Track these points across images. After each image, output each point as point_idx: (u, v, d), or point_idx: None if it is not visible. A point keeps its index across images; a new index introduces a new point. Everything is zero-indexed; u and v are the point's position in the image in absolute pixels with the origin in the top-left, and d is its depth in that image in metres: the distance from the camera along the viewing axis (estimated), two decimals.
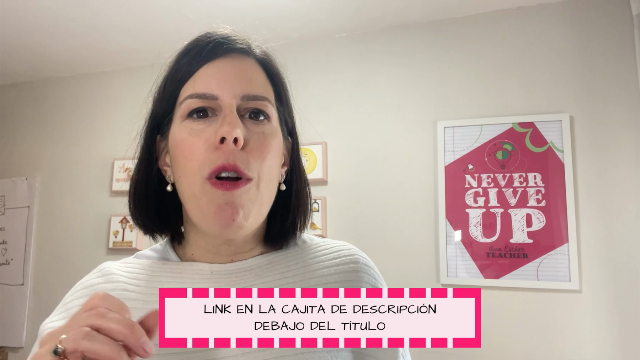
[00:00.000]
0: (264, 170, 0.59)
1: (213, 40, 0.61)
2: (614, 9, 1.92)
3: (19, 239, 2.69)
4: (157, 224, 0.65)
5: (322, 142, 2.22)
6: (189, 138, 0.58)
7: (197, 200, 0.58)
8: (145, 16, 2.13)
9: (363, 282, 0.65)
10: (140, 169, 0.64)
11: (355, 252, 0.69)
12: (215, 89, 0.58)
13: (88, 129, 2.71)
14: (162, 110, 0.63)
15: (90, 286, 0.62)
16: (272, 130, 0.61)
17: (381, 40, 2.23)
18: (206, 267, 0.62)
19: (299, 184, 0.68)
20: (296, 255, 0.66)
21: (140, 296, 0.60)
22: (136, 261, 0.66)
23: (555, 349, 1.82)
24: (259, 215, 0.60)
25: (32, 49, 2.47)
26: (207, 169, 0.57)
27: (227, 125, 0.56)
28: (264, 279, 0.61)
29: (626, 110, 1.86)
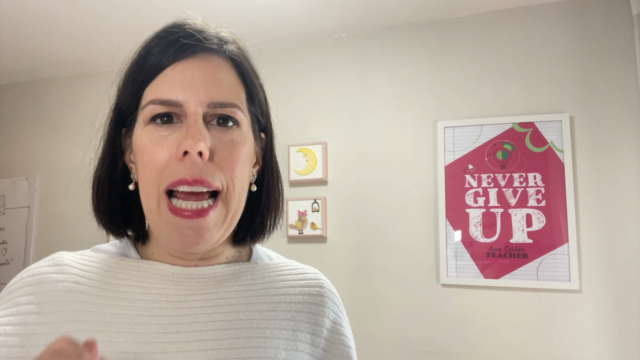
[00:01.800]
0: (234, 181, 0.56)
1: (180, 36, 0.56)
2: (614, 9, 1.92)
3: (19, 239, 2.69)
4: (120, 224, 0.61)
5: (322, 142, 2.22)
6: (150, 145, 0.54)
7: (154, 216, 0.55)
8: (145, 16, 2.13)
9: (327, 308, 0.63)
10: (104, 164, 0.60)
11: (321, 277, 0.67)
12: (180, 94, 0.53)
13: (88, 129, 2.70)
14: (125, 106, 0.58)
15: (38, 274, 0.58)
16: (242, 136, 0.57)
17: (381, 40, 2.23)
18: (167, 268, 0.59)
19: (270, 183, 0.64)
20: (262, 270, 0.63)
21: (91, 290, 0.56)
22: (93, 255, 0.62)
23: (555, 348, 1.82)
24: (229, 228, 0.58)
25: (32, 49, 2.47)
26: (165, 182, 0.53)
27: (190, 138, 0.52)
28: (228, 288, 0.59)
29: (626, 111, 1.86)
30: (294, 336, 0.58)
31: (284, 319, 0.59)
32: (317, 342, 0.61)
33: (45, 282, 0.57)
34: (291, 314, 0.60)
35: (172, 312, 0.55)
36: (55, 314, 0.54)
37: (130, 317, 0.54)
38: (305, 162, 2.23)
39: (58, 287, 0.56)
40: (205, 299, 0.57)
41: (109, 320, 0.54)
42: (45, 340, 0.52)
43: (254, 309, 0.58)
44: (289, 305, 0.60)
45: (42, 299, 0.55)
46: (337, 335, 0.63)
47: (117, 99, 0.60)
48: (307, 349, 0.59)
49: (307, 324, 0.60)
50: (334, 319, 0.64)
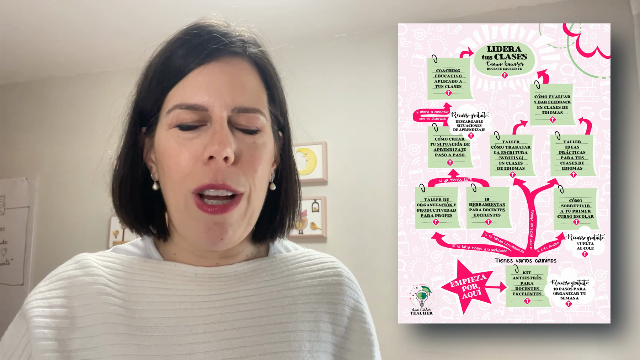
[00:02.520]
0: (256, 183, 0.57)
1: (205, 40, 0.57)
2: (614, 9, 1.92)
3: (19, 239, 2.68)
4: (143, 222, 0.62)
5: (322, 142, 2.22)
6: (176, 147, 0.55)
7: (181, 214, 0.56)
8: (145, 17, 2.13)
9: (346, 296, 0.65)
10: (125, 163, 0.62)
11: (339, 265, 0.69)
12: (206, 98, 0.54)
13: (88, 129, 2.70)
14: (147, 106, 0.59)
15: (67, 278, 0.58)
16: (264, 139, 0.58)
17: (381, 40, 2.23)
18: (190, 269, 0.60)
19: (288, 181, 0.66)
20: (281, 263, 0.65)
21: (119, 294, 0.57)
22: (115, 256, 0.62)
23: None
24: (249, 226, 0.59)
25: (32, 49, 2.47)
26: (193, 184, 0.54)
27: (217, 143, 0.53)
28: (249, 285, 0.60)
29: (626, 111, 1.86)
30: (316, 327, 0.60)
31: (305, 311, 0.60)
32: (338, 330, 0.63)
33: (75, 286, 0.57)
34: (311, 305, 0.61)
35: (197, 312, 0.56)
36: (87, 318, 0.55)
37: (158, 320, 0.55)
38: (305, 162, 2.23)
39: (88, 290, 0.56)
40: (228, 297, 0.58)
41: (139, 324, 0.55)
42: (79, 345, 0.53)
43: (275, 304, 0.59)
44: (308, 297, 0.62)
45: (73, 303, 0.56)
46: (357, 323, 0.65)
47: (138, 98, 0.61)
48: (329, 338, 0.61)
49: (327, 314, 0.62)
50: (353, 305, 0.66)
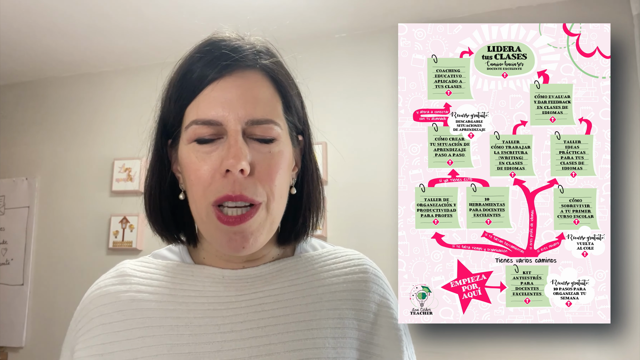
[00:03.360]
0: (274, 191, 0.59)
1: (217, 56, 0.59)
2: (614, 9, 1.92)
3: (19, 239, 2.68)
4: (172, 229, 0.66)
5: (322, 142, 2.22)
6: (196, 162, 0.58)
7: (205, 224, 0.60)
8: (145, 16, 2.13)
9: (372, 292, 0.66)
10: (153, 174, 0.65)
11: (365, 261, 0.70)
12: (220, 114, 0.57)
13: (88, 129, 2.71)
14: (170, 121, 0.62)
15: (103, 287, 0.64)
16: (280, 148, 0.60)
17: (381, 40, 2.23)
18: (218, 272, 0.63)
19: (310, 184, 0.67)
20: (306, 262, 0.66)
21: (153, 297, 0.61)
22: (153, 261, 0.67)
23: None
24: (270, 232, 0.62)
25: (32, 49, 2.47)
26: (213, 197, 0.57)
27: (232, 157, 0.55)
28: (273, 285, 0.63)
29: (626, 111, 1.86)
30: (340, 324, 0.61)
31: (329, 309, 0.62)
32: (364, 326, 0.63)
33: (109, 294, 0.63)
34: (336, 302, 0.63)
35: (225, 312, 0.59)
36: (122, 323, 0.60)
37: (188, 319, 0.59)
38: None
39: (122, 298, 0.62)
40: (254, 297, 0.61)
41: (171, 324, 0.59)
42: (118, 348, 0.58)
43: (299, 302, 0.61)
44: (333, 295, 0.63)
45: (108, 311, 0.61)
46: (385, 318, 0.65)
47: (162, 113, 0.64)
48: (355, 335, 0.62)
49: (352, 311, 0.63)
50: (379, 301, 0.66)
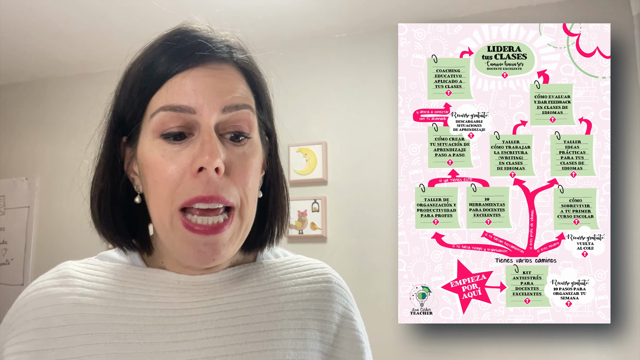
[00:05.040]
0: (247, 194, 0.55)
1: (189, 45, 0.54)
2: (614, 9, 1.92)
3: (19, 239, 2.68)
4: (126, 235, 0.60)
5: (322, 142, 2.22)
6: (162, 161, 0.52)
7: (168, 233, 0.54)
8: (145, 16, 2.13)
9: (335, 303, 0.62)
10: (104, 176, 0.59)
11: (329, 271, 0.66)
12: (193, 100, 0.52)
13: (88, 129, 2.69)
14: (128, 114, 0.56)
15: (42, 288, 0.57)
16: (253, 147, 0.56)
17: (381, 40, 2.23)
18: (173, 276, 0.58)
19: (276, 188, 0.63)
20: (268, 270, 0.62)
21: (98, 301, 0.55)
22: (99, 263, 0.61)
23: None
24: (242, 241, 0.58)
25: (32, 49, 2.47)
26: (180, 200, 0.52)
27: (207, 154, 0.50)
28: (233, 292, 0.58)
29: (626, 111, 1.85)
30: (302, 335, 0.58)
31: (291, 319, 0.58)
32: (327, 338, 0.60)
33: (49, 296, 0.56)
34: (299, 312, 0.59)
35: (178, 320, 0.54)
36: (63, 329, 0.54)
37: (138, 327, 0.54)
38: (305, 162, 2.23)
39: (64, 301, 0.55)
40: (211, 304, 0.56)
41: (118, 332, 0.53)
42: (54, 356, 0.52)
43: (260, 311, 0.57)
44: (296, 304, 0.59)
45: (48, 314, 0.55)
46: (347, 330, 0.62)
47: (117, 106, 0.58)
48: (317, 347, 0.59)
49: (315, 321, 0.59)
50: (342, 312, 0.63)
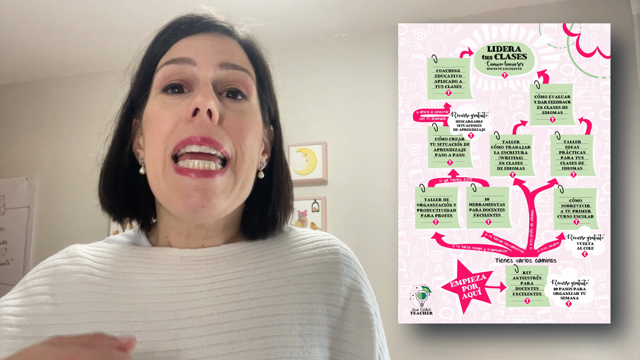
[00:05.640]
0: (244, 150, 0.55)
1: (193, 19, 0.58)
2: (614, 9, 1.92)
3: (19, 239, 2.68)
4: (124, 208, 0.62)
5: (322, 142, 2.22)
6: (160, 111, 0.55)
7: (160, 182, 0.55)
8: (145, 16, 2.13)
9: (343, 275, 0.60)
10: (112, 151, 0.61)
11: (336, 242, 0.63)
12: (193, 54, 0.55)
13: (88, 129, 2.70)
14: (138, 87, 0.60)
15: (53, 266, 0.59)
16: (251, 109, 0.57)
17: (381, 40, 2.23)
18: (176, 252, 0.58)
19: (280, 176, 0.63)
20: (272, 244, 0.61)
21: (105, 281, 0.56)
22: (106, 245, 0.62)
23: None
24: (237, 200, 0.57)
25: (32, 49, 2.47)
26: (172, 143, 0.53)
27: (200, 95, 0.52)
28: (237, 267, 0.57)
29: (626, 111, 1.85)
30: (309, 309, 0.56)
31: (297, 293, 0.56)
32: (334, 312, 0.58)
33: (60, 274, 0.58)
34: (304, 286, 0.57)
35: (182, 297, 0.54)
36: (69, 305, 0.55)
37: (143, 305, 0.53)
38: (305, 162, 2.23)
39: (72, 279, 0.57)
40: (215, 281, 0.55)
41: (123, 310, 0.53)
42: (58, 331, 0.52)
43: (265, 286, 0.56)
44: (301, 278, 0.57)
45: (56, 290, 0.56)
46: (356, 303, 0.59)
47: (131, 87, 0.61)
48: (324, 321, 0.56)
49: (322, 295, 0.57)
50: (350, 285, 0.60)
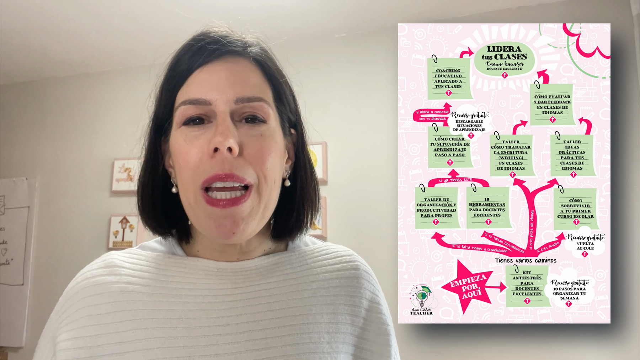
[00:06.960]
0: (266, 174, 0.58)
1: (206, 42, 0.60)
2: (614, 9, 1.92)
3: (19, 239, 2.68)
4: (164, 225, 0.65)
5: (322, 142, 2.22)
6: (184, 145, 0.58)
7: (194, 210, 0.59)
8: (145, 16, 2.13)
9: (363, 289, 0.67)
10: (146, 170, 0.64)
11: (356, 258, 0.71)
12: (208, 94, 0.57)
13: (88, 129, 2.70)
14: (161, 113, 0.63)
15: (91, 278, 0.61)
16: (270, 131, 0.60)
17: (381, 40, 2.23)
18: (212, 264, 0.62)
19: (303, 179, 0.67)
20: (300, 257, 0.67)
21: (144, 289, 0.59)
22: (141, 252, 0.65)
23: None
24: (263, 219, 0.61)
25: (32, 49, 2.47)
26: (201, 178, 0.56)
27: (219, 135, 0.55)
28: (269, 279, 0.62)
29: (626, 111, 1.86)
30: (334, 319, 0.62)
31: (323, 304, 0.62)
32: (357, 321, 0.65)
33: (98, 285, 0.60)
34: (330, 297, 0.63)
35: (219, 305, 0.58)
36: (113, 315, 0.57)
37: (182, 312, 0.57)
38: None
39: (112, 289, 0.59)
40: (249, 291, 0.60)
41: (164, 317, 0.57)
42: (107, 341, 0.56)
43: (295, 297, 0.61)
44: (327, 290, 0.64)
45: (98, 301, 0.58)
46: (375, 314, 0.67)
47: (155, 109, 0.64)
48: (348, 330, 0.63)
49: (345, 306, 0.64)
50: (370, 298, 0.68)
